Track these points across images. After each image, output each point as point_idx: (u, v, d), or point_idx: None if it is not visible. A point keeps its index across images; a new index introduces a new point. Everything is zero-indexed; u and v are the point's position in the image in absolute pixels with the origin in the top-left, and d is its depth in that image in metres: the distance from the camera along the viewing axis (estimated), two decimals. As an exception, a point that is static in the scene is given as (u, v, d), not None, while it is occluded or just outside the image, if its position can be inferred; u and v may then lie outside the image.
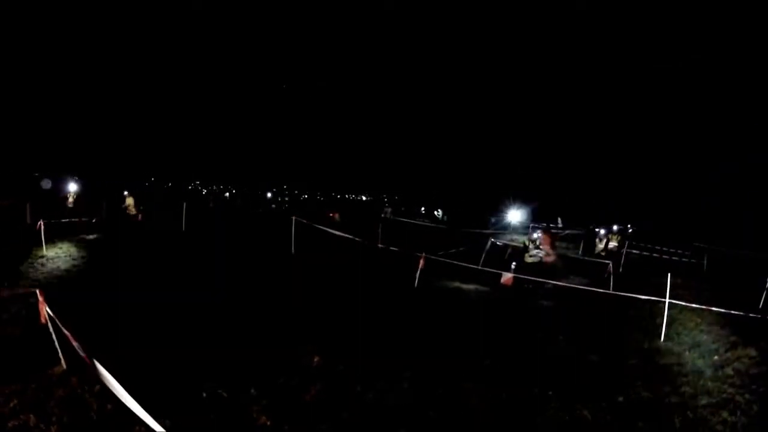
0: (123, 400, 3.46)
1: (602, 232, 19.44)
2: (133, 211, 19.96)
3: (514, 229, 33.64)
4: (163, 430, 3.28)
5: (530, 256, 12.67)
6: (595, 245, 18.99)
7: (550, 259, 9.53)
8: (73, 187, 19.34)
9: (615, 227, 20.02)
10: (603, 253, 18.00)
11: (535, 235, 13.06)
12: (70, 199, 18.98)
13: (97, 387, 4.72)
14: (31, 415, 4.43)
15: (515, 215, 38.34)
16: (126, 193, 20.26)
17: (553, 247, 10.69)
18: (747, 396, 6.33)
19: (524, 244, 13.35)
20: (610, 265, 14.35)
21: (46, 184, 34.51)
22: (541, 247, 9.87)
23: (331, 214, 32.29)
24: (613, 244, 18.76)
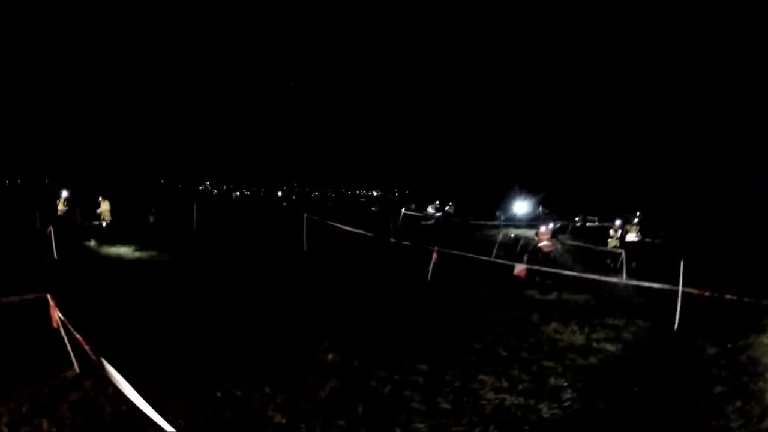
0: (135, 402, 3.47)
1: (618, 223, 18.60)
2: (108, 217, 18.34)
3: (520, 221, 33.61)
4: (175, 431, 3.28)
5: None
6: (608, 237, 17.95)
7: (548, 249, 9.60)
8: (63, 192, 18.81)
9: (635, 219, 18.99)
10: (618, 245, 17.08)
11: (542, 228, 13.02)
12: (60, 206, 18.29)
13: (110, 389, 4.73)
14: (44, 420, 4.41)
15: (521, 207, 38.31)
16: (101, 198, 18.65)
17: (551, 237, 10.74)
18: (761, 384, 6.26)
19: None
20: (623, 254, 14.20)
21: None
22: (537, 236, 9.96)
23: (373, 208, 39.83)
24: (632, 237, 17.63)
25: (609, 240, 17.83)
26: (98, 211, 18.29)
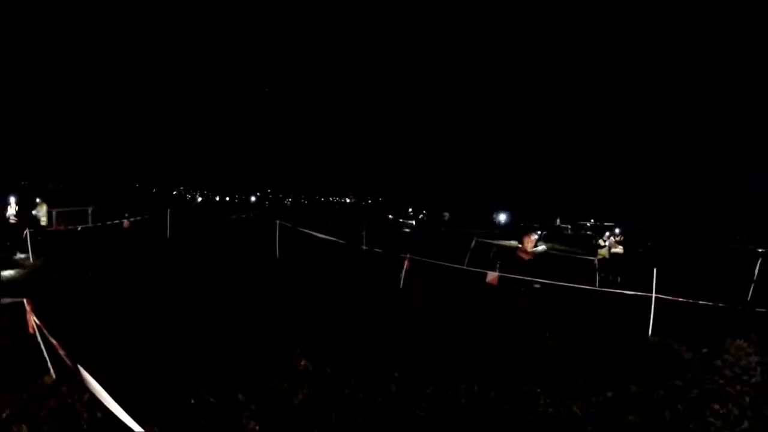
0: (110, 408, 3.44)
1: (607, 234, 18.09)
2: (44, 220, 17.02)
3: (502, 229, 33.98)
4: None
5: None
6: (597, 247, 17.26)
7: (524, 255, 9.71)
8: (11, 198, 17.24)
9: (617, 229, 18.49)
10: (607, 256, 16.55)
11: (527, 236, 13.04)
12: (11, 211, 16.70)
13: (86, 396, 4.70)
14: (24, 426, 4.43)
15: (502, 216, 38.89)
16: (38, 199, 17.56)
17: (528, 244, 10.79)
18: (738, 387, 6.39)
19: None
20: (595, 261, 14.21)
21: None
22: (521, 244, 10.07)
23: (389, 216, 43.86)
24: (616, 250, 16.91)
25: (600, 251, 17.12)
26: (34, 212, 17.13)
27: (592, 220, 33.51)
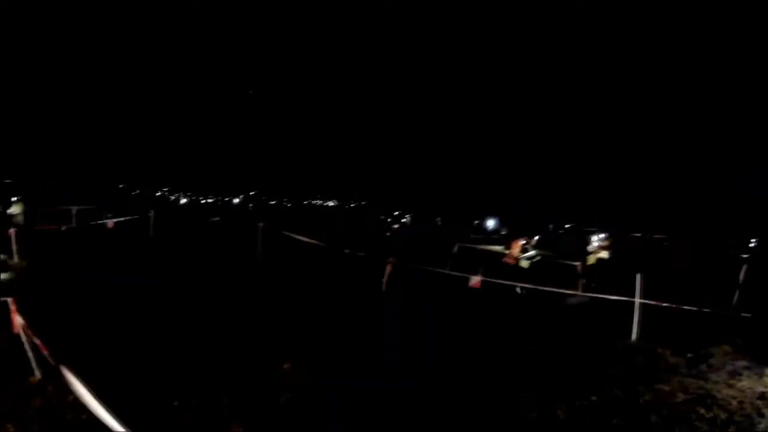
0: (93, 410, 3.42)
1: (594, 239, 17.63)
2: (21, 220, 16.48)
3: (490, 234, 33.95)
4: None
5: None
6: (586, 254, 16.23)
7: (511, 261, 9.74)
8: None
9: (602, 234, 17.96)
10: (596, 262, 15.79)
11: (515, 241, 13.04)
12: None
13: (71, 396, 4.66)
14: (10, 425, 4.45)
15: (491, 222, 38.97)
16: (15, 198, 17.20)
17: (515, 250, 10.75)
18: (724, 391, 6.42)
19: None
20: (578, 266, 14.16)
21: None
22: (508, 249, 10.08)
23: (402, 220, 43.95)
24: (603, 254, 16.22)
25: (589, 257, 16.14)
26: (9, 211, 16.81)
27: (568, 225, 33.41)
